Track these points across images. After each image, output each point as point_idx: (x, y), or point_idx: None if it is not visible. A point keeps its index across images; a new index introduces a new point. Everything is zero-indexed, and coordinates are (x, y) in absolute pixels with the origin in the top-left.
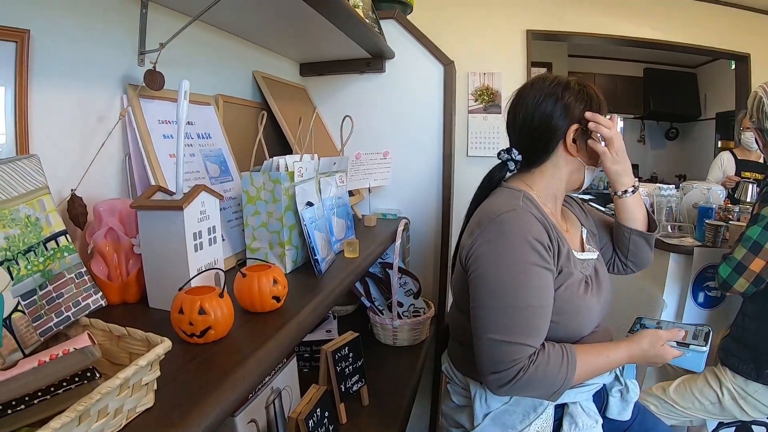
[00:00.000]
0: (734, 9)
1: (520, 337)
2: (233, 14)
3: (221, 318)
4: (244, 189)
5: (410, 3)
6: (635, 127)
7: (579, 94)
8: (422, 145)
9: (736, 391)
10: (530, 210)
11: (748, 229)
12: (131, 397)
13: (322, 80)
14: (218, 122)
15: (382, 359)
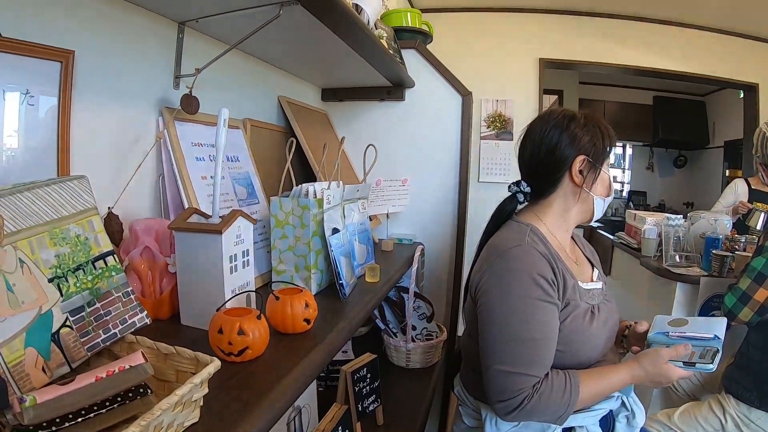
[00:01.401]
0: (743, 39)
1: (524, 368)
2: (264, 42)
3: (258, 339)
4: (273, 213)
5: (430, 33)
6: (644, 155)
7: (585, 126)
8: (438, 172)
9: (740, 418)
10: (535, 246)
11: (753, 260)
12: (182, 413)
13: (342, 105)
14: (246, 146)
15: (396, 380)
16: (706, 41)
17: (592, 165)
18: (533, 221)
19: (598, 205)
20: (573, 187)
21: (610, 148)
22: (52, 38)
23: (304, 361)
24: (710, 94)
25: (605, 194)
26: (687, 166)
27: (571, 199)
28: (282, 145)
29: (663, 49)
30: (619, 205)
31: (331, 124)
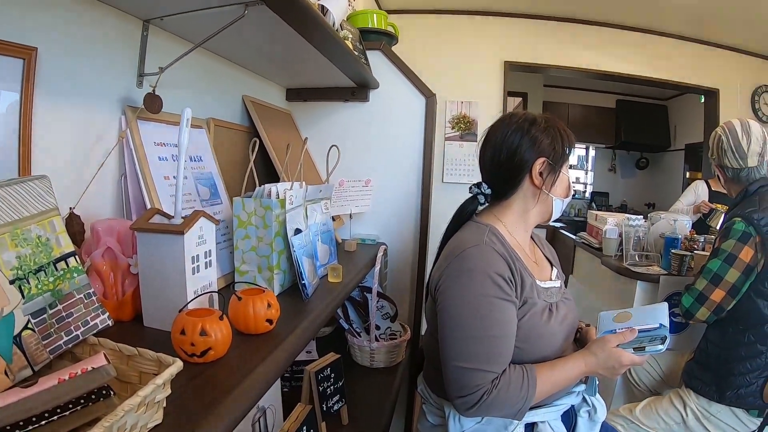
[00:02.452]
0: (705, 46)
1: (482, 364)
2: (229, 41)
3: (221, 339)
4: (236, 214)
5: (396, 35)
6: (606, 156)
7: (546, 130)
8: (401, 173)
9: (700, 412)
10: (493, 245)
11: (709, 261)
12: (145, 414)
13: (307, 106)
14: (209, 146)
15: (360, 380)
16: (668, 47)
17: (552, 167)
18: (492, 222)
19: (556, 206)
20: (533, 188)
21: (569, 150)
22: (14, 35)
23: (266, 361)
24: (672, 99)
25: (564, 195)
26: (648, 168)
27: (531, 201)
28: (246, 145)
29: (626, 54)
30: (582, 205)
31: (295, 125)
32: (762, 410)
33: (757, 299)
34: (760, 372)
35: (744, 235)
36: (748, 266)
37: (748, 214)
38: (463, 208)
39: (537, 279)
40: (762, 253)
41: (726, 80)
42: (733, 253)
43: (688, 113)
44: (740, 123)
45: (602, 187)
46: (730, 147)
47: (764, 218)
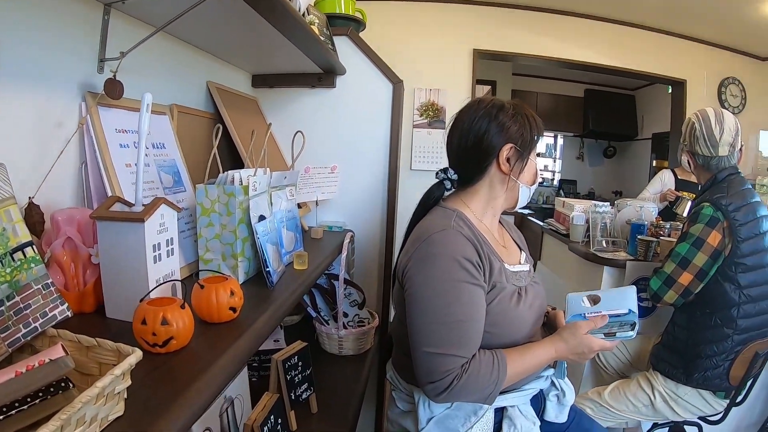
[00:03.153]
0: (673, 37)
1: (451, 349)
2: (192, 25)
3: (183, 329)
4: (199, 201)
5: (363, 21)
6: (574, 145)
7: (513, 116)
8: (368, 159)
9: (668, 394)
10: (461, 230)
11: (678, 245)
12: (105, 406)
13: (273, 92)
14: (172, 132)
15: (329, 368)
16: (637, 38)
17: (519, 154)
18: (460, 207)
19: (523, 193)
20: (500, 175)
21: (537, 137)
22: None
23: (230, 350)
24: (640, 89)
25: (531, 182)
26: (616, 156)
27: (499, 187)
28: (211, 132)
29: (595, 44)
30: (550, 193)
31: (261, 111)
32: (728, 392)
33: (724, 283)
34: (727, 355)
35: (712, 220)
36: (715, 250)
37: (716, 199)
38: (430, 194)
39: (505, 263)
40: (729, 238)
41: (693, 71)
42: (701, 238)
43: (656, 103)
44: (714, 112)
45: (570, 175)
46: (702, 135)
47: (732, 204)
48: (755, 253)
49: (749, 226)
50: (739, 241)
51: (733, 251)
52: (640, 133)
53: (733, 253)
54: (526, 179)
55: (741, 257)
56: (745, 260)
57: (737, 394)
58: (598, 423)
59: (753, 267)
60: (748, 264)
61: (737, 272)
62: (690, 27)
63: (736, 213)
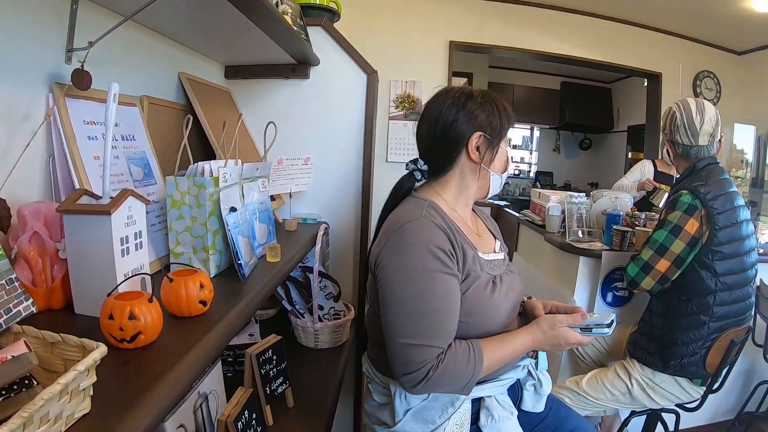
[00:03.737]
0: (648, 31)
1: (426, 339)
2: (162, 14)
3: (151, 323)
4: (169, 193)
5: (338, 11)
6: (551, 137)
7: (482, 104)
8: (343, 151)
9: (645, 382)
10: (433, 219)
11: (655, 232)
12: (70, 403)
13: (246, 84)
14: (143, 124)
15: (305, 361)
16: (613, 31)
17: (489, 142)
18: (432, 196)
19: (495, 182)
20: (471, 163)
21: (507, 125)
22: None
23: (199, 344)
24: (616, 82)
25: (502, 170)
26: (592, 148)
27: (470, 176)
28: (182, 123)
29: (572, 36)
30: (527, 185)
31: (234, 103)
32: (705, 379)
33: (701, 270)
34: (703, 342)
35: (690, 208)
36: (693, 238)
37: (694, 187)
38: (401, 185)
39: (479, 251)
40: (707, 226)
41: (669, 65)
42: (678, 225)
43: (631, 96)
44: (695, 102)
45: (546, 166)
46: (683, 123)
47: (710, 192)
48: (732, 241)
49: (726, 215)
50: (716, 229)
51: (711, 239)
52: (616, 126)
53: (711, 241)
54: (497, 167)
55: (718, 245)
56: (722, 248)
57: (714, 382)
58: (576, 412)
59: (729, 255)
60: (725, 252)
61: (714, 260)
62: (666, 21)
63: (714, 201)
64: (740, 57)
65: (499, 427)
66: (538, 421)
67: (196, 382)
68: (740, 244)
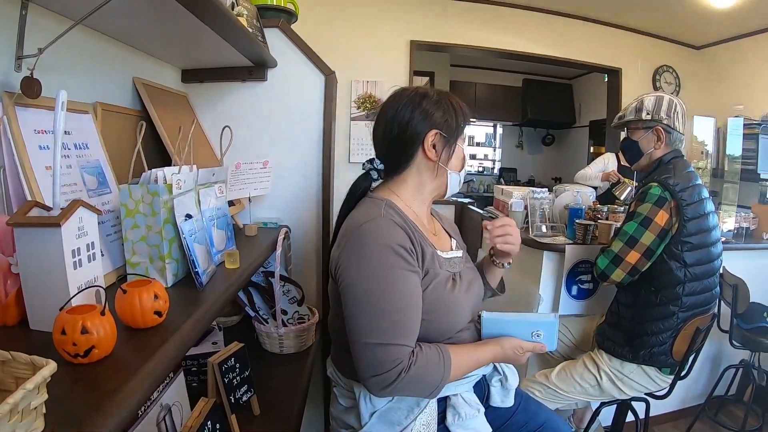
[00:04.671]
0: (608, 27)
1: (394, 338)
2: (115, 18)
3: (104, 336)
4: (123, 202)
5: (296, 12)
6: (514, 134)
7: (437, 103)
8: (302, 153)
9: (613, 374)
10: (391, 217)
11: (626, 224)
12: (22, 422)
13: (203, 87)
14: (96, 132)
15: (270, 368)
16: (574, 28)
17: (446, 140)
18: (389, 196)
19: (452, 180)
20: (427, 162)
21: (463, 123)
22: None
23: (156, 355)
24: (577, 78)
25: (459, 168)
26: (555, 144)
27: (427, 174)
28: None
29: (533, 34)
30: (491, 181)
31: (191, 107)
32: (673, 368)
33: (670, 261)
34: (672, 332)
35: (660, 200)
36: (663, 230)
37: (664, 179)
38: (357, 186)
39: (438, 250)
40: (677, 217)
41: (628, 60)
42: (648, 217)
43: (592, 91)
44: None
45: (510, 163)
46: (683, 113)
47: (679, 184)
48: (700, 232)
49: (694, 207)
50: (685, 220)
51: (680, 230)
52: (578, 121)
53: (680, 232)
54: (455, 166)
55: (687, 236)
56: (691, 239)
57: (681, 369)
58: (546, 406)
59: (698, 246)
60: (694, 243)
61: (683, 251)
62: (625, 17)
63: (683, 193)
64: (698, 51)
65: (467, 425)
66: (508, 416)
67: (158, 394)
68: (707, 235)
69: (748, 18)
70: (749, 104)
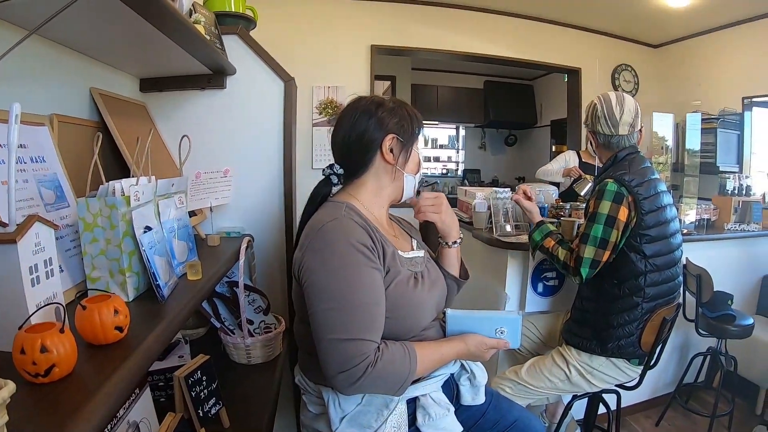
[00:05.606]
0: (567, 28)
1: (360, 333)
2: (70, 27)
3: (64, 355)
4: (81, 216)
5: (254, 19)
6: (476, 135)
7: (392, 110)
8: (263, 161)
9: (582, 368)
10: (352, 217)
11: (591, 228)
12: None
13: (162, 96)
14: (53, 144)
15: (239, 379)
16: (533, 30)
17: (402, 144)
18: (348, 199)
19: (408, 183)
20: (385, 165)
21: (418, 129)
22: None
23: (118, 372)
24: (538, 78)
25: (415, 171)
26: (517, 144)
27: (385, 177)
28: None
29: (493, 36)
30: (455, 183)
31: (150, 117)
32: (642, 358)
33: (630, 253)
34: (638, 323)
35: (617, 196)
36: (625, 225)
37: (619, 176)
38: (318, 191)
39: (398, 250)
40: (635, 211)
41: (588, 60)
42: (611, 215)
43: (553, 91)
44: (616, 95)
45: (474, 164)
46: (603, 115)
47: (634, 179)
48: (658, 225)
49: (651, 200)
50: (643, 213)
51: (638, 223)
52: (540, 121)
53: (639, 225)
54: (411, 169)
55: (645, 229)
56: (649, 232)
57: (650, 359)
58: (517, 403)
59: (657, 238)
60: (652, 235)
61: (642, 243)
62: (584, 18)
63: (639, 188)
64: (656, 50)
65: (437, 425)
66: (479, 415)
67: (125, 411)
68: (665, 227)
69: (703, 16)
70: (707, 100)
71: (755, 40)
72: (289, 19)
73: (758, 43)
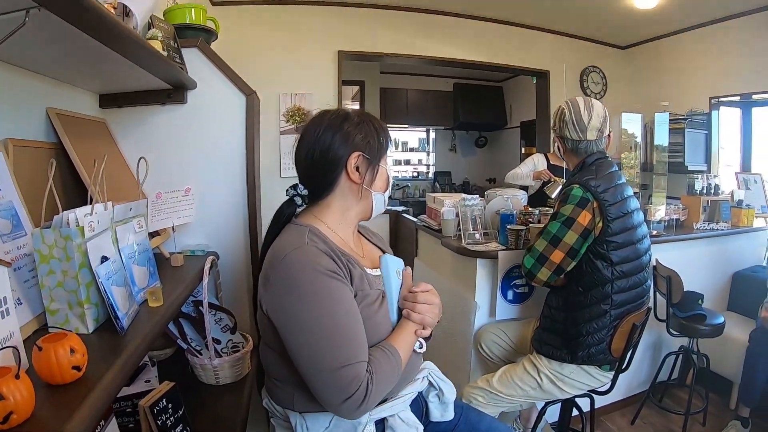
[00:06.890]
0: (534, 31)
1: (350, 357)
2: (20, 47)
3: (21, 400)
4: (36, 248)
5: (215, 30)
6: (446, 138)
7: (359, 125)
8: (227, 177)
9: (554, 375)
10: (315, 245)
11: (549, 224)
12: None
13: (122, 112)
14: (8, 171)
15: (208, 400)
16: (501, 32)
17: (368, 162)
18: (312, 222)
19: (377, 201)
20: (351, 184)
21: (386, 144)
22: None
23: (77, 413)
24: (506, 80)
25: (384, 189)
26: (488, 145)
27: (351, 197)
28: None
29: (461, 40)
30: (426, 186)
31: (111, 134)
32: (613, 364)
33: (596, 261)
34: (607, 330)
35: (582, 201)
36: (585, 229)
37: (585, 181)
38: (281, 212)
39: (366, 269)
40: (600, 218)
41: (555, 63)
42: (571, 217)
43: (522, 93)
44: (584, 100)
45: (444, 166)
46: (571, 120)
47: (601, 185)
48: (624, 231)
49: (618, 206)
50: (609, 219)
51: (604, 230)
52: (509, 122)
53: (605, 232)
54: (379, 186)
55: (612, 235)
56: (616, 238)
57: (621, 365)
58: (487, 414)
59: (623, 244)
60: (619, 242)
61: (609, 250)
62: (552, 21)
63: (605, 194)
64: (624, 51)
65: None
66: (450, 430)
67: None
68: (632, 233)
69: (670, 18)
70: (675, 100)
71: (722, 42)
72: (255, 27)
73: (725, 44)
